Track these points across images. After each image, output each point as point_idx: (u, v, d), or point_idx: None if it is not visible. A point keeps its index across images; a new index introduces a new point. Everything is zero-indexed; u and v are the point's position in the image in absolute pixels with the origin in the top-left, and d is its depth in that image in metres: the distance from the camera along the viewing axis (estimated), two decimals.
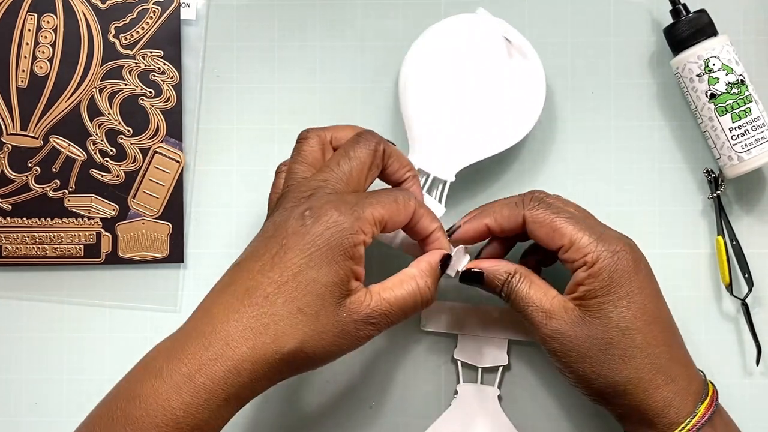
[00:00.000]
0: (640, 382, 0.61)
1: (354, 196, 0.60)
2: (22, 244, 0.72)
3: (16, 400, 0.73)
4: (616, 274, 0.61)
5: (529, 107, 0.69)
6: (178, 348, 0.57)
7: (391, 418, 0.72)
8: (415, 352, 0.72)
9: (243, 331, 0.56)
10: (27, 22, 0.72)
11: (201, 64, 0.73)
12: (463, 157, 0.69)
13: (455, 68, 0.68)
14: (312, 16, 0.73)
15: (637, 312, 0.61)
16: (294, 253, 0.58)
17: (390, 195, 0.61)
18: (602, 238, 0.62)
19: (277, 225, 0.59)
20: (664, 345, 0.62)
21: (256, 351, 0.56)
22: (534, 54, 0.69)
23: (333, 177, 0.61)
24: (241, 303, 0.57)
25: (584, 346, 0.61)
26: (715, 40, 0.69)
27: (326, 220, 0.58)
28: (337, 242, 0.58)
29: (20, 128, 0.72)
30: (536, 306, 0.62)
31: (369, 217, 0.59)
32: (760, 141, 0.68)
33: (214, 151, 0.73)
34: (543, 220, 0.63)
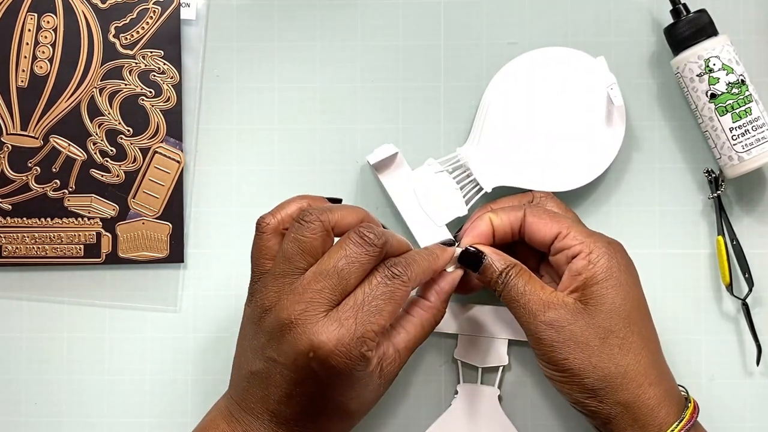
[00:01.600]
0: (637, 375, 0.61)
1: (351, 313, 0.58)
2: (22, 244, 0.72)
3: (16, 400, 0.73)
4: (614, 261, 0.62)
5: (589, 167, 0.69)
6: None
7: (391, 418, 0.72)
8: (419, 356, 0.72)
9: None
10: (27, 22, 0.72)
11: (201, 64, 0.73)
12: (509, 177, 0.69)
13: (548, 98, 0.69)
14: (312, 16, 0.73)
15: (634, 303, 0.62)
16: (315, 391, 0.59)
17: (386, 296, 0.59)
18: (594, 237, 0.63)
19: (290, 359, 0.59)
20: (655, 342, 0.63)
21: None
22: (623, 123, 0.69)
23: (329, 286, 0.59)
24: (289, 424, 0.61)
25: (584, 335, 0.61)
26: (716, 40, 0.69)
27: (334, 364, 0.58)
28: (351, 371, 0.58)
29: (20, 128, 0.72)
30: (532, 297, 0.62)
31: (371, 336, 0.59)
32: (761, 141, 0.68)
33: (214, 151, 0.73)
34: (540, 218, 0.64)
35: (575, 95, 0.69)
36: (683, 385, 0.65)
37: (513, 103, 0.69)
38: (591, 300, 0.61)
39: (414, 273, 0.61)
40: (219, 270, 0.73)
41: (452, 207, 0.70)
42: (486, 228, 0.65)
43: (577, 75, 0.69)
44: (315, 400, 0.60)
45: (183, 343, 0.73)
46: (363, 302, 0.59)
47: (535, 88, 0.69)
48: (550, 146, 0.69)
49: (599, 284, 0.61)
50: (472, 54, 0.73)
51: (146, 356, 0.73)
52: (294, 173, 0.73)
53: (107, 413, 0.72)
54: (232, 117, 0.73)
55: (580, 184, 0.69)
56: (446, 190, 0.70)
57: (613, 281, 0.61)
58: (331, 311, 0.59)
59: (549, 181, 0.69)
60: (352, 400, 0.61)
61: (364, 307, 0.59)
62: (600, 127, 0.69)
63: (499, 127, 0.69)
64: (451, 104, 0.72)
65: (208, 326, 0.73)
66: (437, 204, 0.69)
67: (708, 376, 0.72)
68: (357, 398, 0.61)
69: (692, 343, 0.72)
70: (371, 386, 0.61)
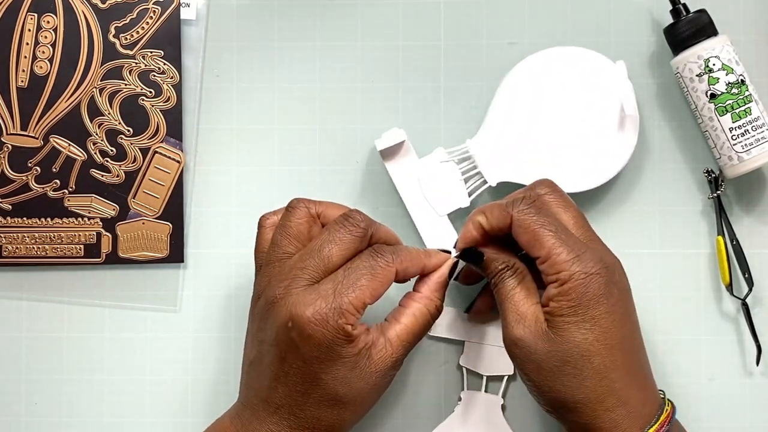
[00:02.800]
0: (590, 402, 0.60)
1: (330, 286, 0.60)
2: (22, 244, 0.72)
3: (16, 400, 0.73)
4: (585, 297, 0.59)
5: (596, 172, 0.69)
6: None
7: (394, 421, 0.72)
8: (420, 356, 0.72)
9: (297, 428, 0.61)
10: (27, 22, 0.72)
11: (201, 64, 0.73)
12: (515, 174, 0.69)
13: (563, 98, 0.69)
14: (312, 16, 0.73)
15: (599, 336, 0.59)
16: (298, 367, 0.60)
17: (367, 270, 0.60)
18: (581, 257, 0.60)
19: (269, 332, 0.61)
20: (622, 369, 0.60)
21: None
22: (635, 132, 0.69)
23: (312, 264, 0.61)
24: (278, 412, 0.61)
25: (542, 358, 0.60)
26: (715, 40, 0.69)
27: (310, 332, 0.59)
28: (329, 343, 0.59)
29: (20, 128, 0.72)
30: (513, 306, 0.61)
31: (349, 308, 0.59)
32: (760, 141, 0.68)
33: (214, 151, 0.73)
34: (527, 227, 0.61)
35: (590, 98, 0.69)
36: (663, 390, 0.63)
37: (526, 101, 0.69)
38: (554, 328, 0.60)
39: (400, 259, 0.62)
40: (219, 270, 0.73)
41: (455, 197, 0.69)
42: (477, 232, 0.64)
43: (593, 77, 0.69)
44: (300, 380, 0.60)
45: (183, 343, 0.73)
46: (344, 277, 0.60)
47: (550, 87, 0.69)
48: (559, 147, 0.69)
49: (563, 317, 0.59)
50: (472, 54, 0.73)
51: (146, 356, 0.73)
52: (294, 173, 0.73)
53: (107, 413, 0.72)
54: (232, 117, 0.73)
55: (585, 188, 0.69)
56: (450, 180, 0.69)
57: (576, 318, 0.59)
58: (312, 285, 0.60)
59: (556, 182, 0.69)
60: (339, 381, 0.60)
61: (344, 281, 0.60)
62: (611, 133, 0.69)
63: (511, 123, 0.69)
64: (451, 104, 0.72)
65: (208, 326, 0.73)
66: (440, 193, 0.69)
67: (708, 376, 0.72)
68: (344, 381, 0.60)
69: (692, 343, 0.72)
70: (359, 371, 0.60)
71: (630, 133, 0.69)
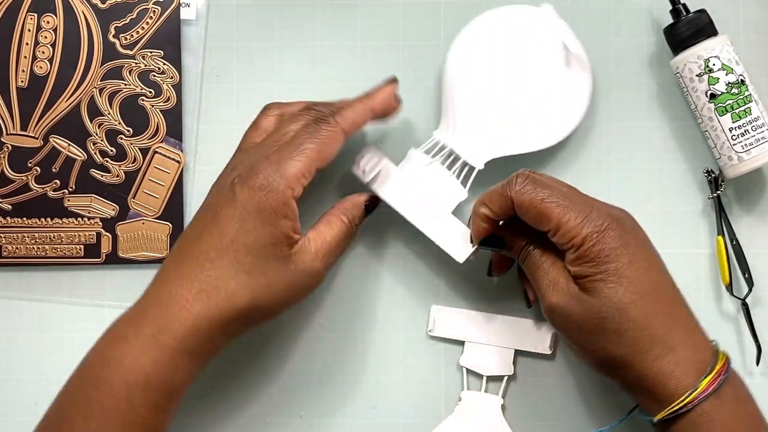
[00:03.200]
0: (638, 355, 0.60)
1: (277, 153, 0.62)
2: (22, 244, 0.72)
3: (16, 400, 0.73)
4: (603, 254, 0.60)
5: (569, 114, 0.69)
6: (140, 314, 0.61)
7: (393, 420, 0.72)
8: (420, 356, 0.72)
9: (196, 294, 0.60)
10: (27, 22, 0.72)
11: (201, 64, 0.73)
12: (496, 148, 0.69)
13: (507, 58, 0.68)
14: (312, 16, 0.73)
15: (628, 287, 0.60)
16: (227, 220, 0.61)
17: (308, 136, 0.62)
18: (588, 218, 0.61)
19: (213, 193, 0.63)
20: (661, 315, 0.61)
21: (211, 310, 0.60)
22: (586, 68, 0.69)
23: (269, 140, 0.63)
24: (190, 268, 0.61)
25: (581, 320, 0.61)
26: (715, 40, 0.69)
27: (252, 185, 0.60)
28: (267, 204, 0.60)
29: (20, 128, 0.72)
30: (544, 274, 0.63)
31: (295, 172, 0.61)
32: (760, 141, 0.68)
33: (214, 151, 0.73)
34: (530, 203, 0.61)
35: (534, 51, 0.69)
36: (716, 341, 0.63)
37: (475, 74, 0.69)
38: (584, 289, 0.61)
39: (343, 116, 0.63)
40: None
41: (451, 194, 0.68)
42: (486, 224, 0.65)
43: (530, 30, 0.69)
44: (224, 234, 0.60)
45: None
46: (287, 144, 0.62)
47: (493, 54, 0.69)
48: (523, 107, 0.68)
49: (588, 279, 0.61)
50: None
51: None
52: None
53: None
54: (232, 117, 0.73)
55: (564, 135, 0.69)
56: (440, 180, 0.68)
57: (600, 275, 0.60)
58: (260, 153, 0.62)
59: (533, 140, 0.69)
60: (260, 250, 0.60)
61: (288, 147, 0.62)
62: (564, 77, 0.69)
63: (468, 101, 0.68)
64: None
65: None
66: (435, 195, 0.68)
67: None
68: (264, 252, 0.60)
69: None
70: (280, 252, 0.61)
71: (582, 73, 0.69)
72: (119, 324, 0.61)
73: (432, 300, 0.72)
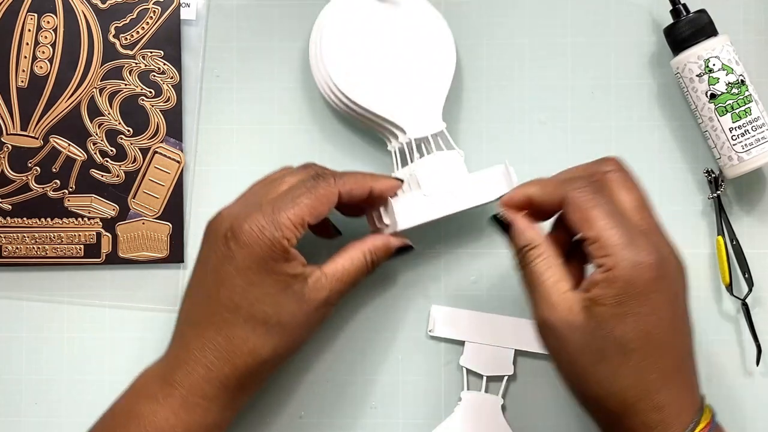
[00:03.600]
0: (623, 404, 0.57)
1: (270, 203, 0.61)
2: (22, 244, 0.72)
3: (16, 400, 0.73)
4: (632, 288, 0.56)
5: (441, 43, 0.70)
6: (168, 374, 0.62)
7: (393, 420, 0.72)
8: (421, 356, 0.72)
9: (219, 356, 0.61)
10: (27, 22, 0.72)
11: (201, 64, 0.73)
12: (427, 105, 0.69)
13: (373, 42, 0.69)
14: (312, 16, 0.73)
15: (641, 333, 0.56)
16: (231, 279, 0.61)
17: (307, 189, 0.62)
18: (633, 243, 0.56)
19: (209, 245, 0.63)
20: (659, 372, 0.57)
21: (238, 368, 0.61)
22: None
23: (266, 188, 0.64)
24: (208, 331, 0.61)
25: (576, 351, 0.57)
26: (715, 40, 0.69)
27: (246, 240, 0.60)
28: (264, 255, 0.60)
29: (20, 128, 0.72)
30: (543, 294, 0.58)
31: (286, 222, 0.60)
32: (760, 141, 0.68)
33: (214, 151, 0.73)
34: (580, 205, 0.57)
35: (395, 27, 0.69)
36: (704, 395, 0.60)
37: (356, 68, 0.69)
38: (593, 319, 0.56)
39: (343, 180, 0.63)
40: None
41: (455, 163, 0.67)
42: (522, 198, 0.61)
43: (371, 9, 0.69)
44: (231, 294, 0.60)
45: None
46: (283, 195, 0.62)
47: (362, 42, 0.69)
48: (407, 66, 0.69)
49: (604, 308, 0.56)
50: (472, 54, 0.73)
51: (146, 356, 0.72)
52: None
53: None
54: (232, 117, 0.73)
55: (453, 66, 0.70)
56: (439, 165, 0.67)
57: (620, 309, 0.56)
58: (254, 203, 0.62)
59: (434, 83, 0.69)
60: (268, 299, 0.60)
61: (283, 198, 0.61)
62: (429, 42, 0.70)
63: (376, 95, 0.68)
64: (451, 104, 0.72)
65: None
66: (449, 178, 0.67)
67: (708, 376, 0.72)
68: (273, 301, 0.60)
69: None
70: (291, 295, 0.61)
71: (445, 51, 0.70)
72: (148, 382, 0.63)
73: (432, 300, 0.72)
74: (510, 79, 0.73)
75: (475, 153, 0.70)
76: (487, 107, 0.73)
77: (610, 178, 0.59)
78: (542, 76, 0.73)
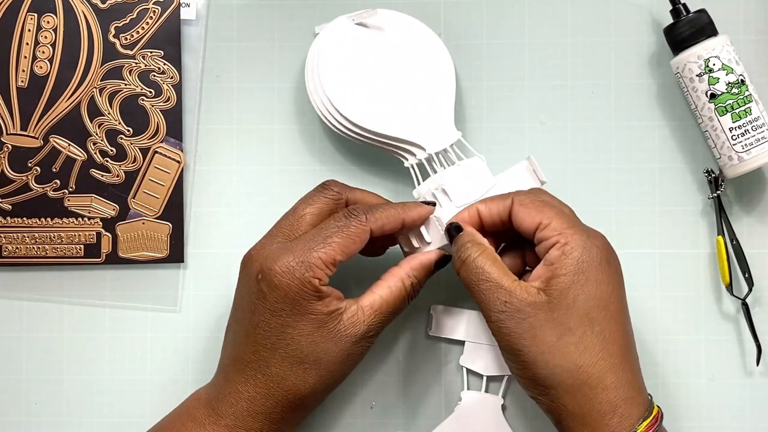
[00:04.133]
0: (589, 378, 0.58)
1: (301, 243, 0.61)
2: (22, 244, 0.72)
3: (16, 400, 0.73)
4: (588, 257, 0.60)
5: (435, 53, 0.70)
6: (214, 403, 0.63)
7: (393, 420, 0.72)
8: (421, 356, 0.72)
9: (261, 390, 0.62)
10: (27, 22, 0.72)
11: (201, 64, 0.73)
12: (439, 117, 0.69)
13: (370, 68, 0.69)
14: (312, 16, 0.73)
15: (602, 300, 0.59)
16: (266, 320, 0.61)
17: (338, 228, 0.62)
18: (581, 228, 0.61)
19: (244, 290, 0.63)
20: (620, 345, 0.60)
21: (279, 403, 0.62)
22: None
23: (286, 224, 0.64)
24: (249, 368, 0.62)
25: (541, 328, 0.59)
26: (715, 40, 0.69)
27: (277, 282, 0.60)
28: (295, 296, 0.60)
29: (20, 128, 0.72)
30: (495, 282, 0.60)
31: (317, 263, 0.60)
32: (760, 141, 0.68)
33: (214, 151, 0.73)
34: (529, 203, 0.62)
35: (387, 49, 0.69)
36: (652, 393, 0.62)
37: (361, 96, 0.68)
38: (554, 293, 0.59)
39: (374, 216, 0.63)
40: (219, 270, 0.73)
41: (479, 170, 0.67)
42: (471, 216, 0.64)
43: (362, 32, 0.69)
44: (267, 334, 0.61)
45: (183, 343, 0.73)
46: (315, 234, 0.62)
47: (359, 70, 0.69)
48: (406, 82, 0.69)
49: (565, 276, 0.59)
50: (472, 54, 0.73)
51: (146, 356, 0.73)
52: (294, 173, 0.73)
53: (107, 413, 0.72)
54: (232, 117, 0.73)
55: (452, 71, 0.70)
56: (462, 174, 0.67)
57: (580, 276, 0.59)
58: (286, 243, 0.62)
59: (437, 91, 0.69)
60: (304, 339, 0.61)
61: (315, 237, 0.61)
62: (427, 61, 0.70)
63: (388, 117, 0.68)
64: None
65: (208, 326, 0.73)
66: (473, 183, 0.67)
67: (708, 376, 0.72)
68: (310, 339, 0.61)
69: (692, 343, 0.72)
70: (327, 332, 0.61)
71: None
72: (196, 406, 0.64)
73: (432, 300, 0.72)
74: (510, 79, 0.73)
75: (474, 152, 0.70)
76: (487, 107, 0.73)
77: (542, 194, 0.64)
78: (542, 76, 0.73)
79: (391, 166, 0.72)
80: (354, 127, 0.68)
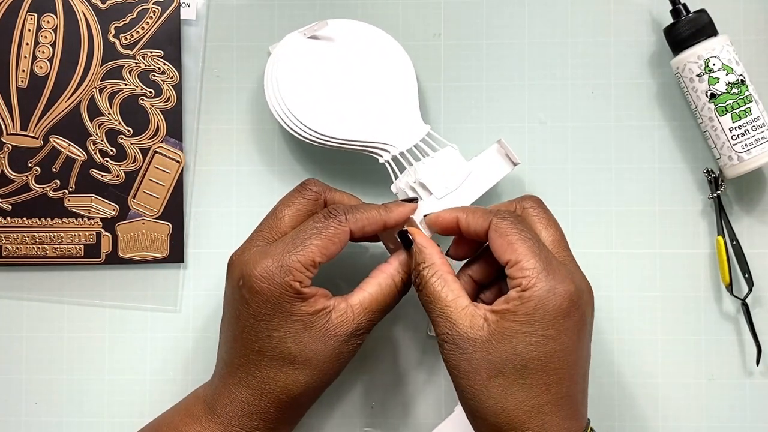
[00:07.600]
0: (512, 421, 0.58)
1: (280, 246, 0.61)
2: (22, 244, 0.72)
3: (16, 400, 0.73)
4: (544, 310, 0.57)
5: (391, 51, 0.70)
6: (211, 401, 0.63)
7: (393, 420, 0.72)
8: (420, 356, 0.72)
9: (253, 392, 0.62)
10: (27, 22, 0.72)
11: (201, 64, 0.73)
12: (405, 115, 0.69)
13: (328, 75, 0.69)
14: (312, 17, 0.73)
15: (542, 355, 0.57)
16: (251, 326, 0.61)
17: (317, 230, 0.61)
18: (551, 270, 0.58)
19: (229, 294, 0.63)
20: (552, 395, 0.58)
21: (272, 403, 0.62)
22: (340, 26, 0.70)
23: (266, 226, 0.63)
24: (241, 372, 0.62)
25: (473, 366, 0.58)
26: (715, 40, 0.69)
27: (257, 288, 0.60)
28: (278, 300, 0.60)
29: (20, 128, 0.72)
30: (441, 311, 0.60)
31: (296, 266, 0.60)
32: (760, 141, 0.68)
33: (214, 151, 0.73)
34: (504, 231, 0.60)
35: (342, 56, 0.69)
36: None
37: (324, 106, 0.68)
38: (497, 332, 0.58)
39: (355, 217, 0.62)
40: (219, 270, 0.72)
41: (455, 160, 0.67)
42: (448, 221, 0.63)
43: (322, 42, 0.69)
44: (254, 337, 0.61)
45: (183, 343, 0.73)
46: (293, 237, 0.61)
47: (318, 80, 0.69)
48: (368, 83, 0.69)
49: (512, 323, 0.58)
50: (472, 54, 0.73)
51: (146, 356, 0.73)
52: (294, 173, 0.73)
53: (107, 413, 0.72)
54: (232, 117, 0.73)
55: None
56: (439, 165, 0.67)
57: (527, 327, 0.57)
58: (265, 246, 0.62)
59: (399, 84, 0.69)
60: (291, 339, 0.60)
61: (293, 240, 0.61)
62: (387, 67, 0.70)
63: (354, 119, 0.68)
64: (451, 104, 0.72)
65: (208, 326, 0.73)
66: (451, 171, 0.67)
67: (708, 376, 0.72)
68: (297, 340, 0.60)
69: (692, 343, 0.72)
70: (315, 332, 0.61)
71: None
72: (194, 403, 0.64)
73: None
74: (510, 79, 0.73)
75: (475, 153, 0.70)
76: (487, 107, 0.73)
77: (531, 213, 0.63)
78: (542, 76, 0.73)
79: None
80: (323, 137, 0.68)
